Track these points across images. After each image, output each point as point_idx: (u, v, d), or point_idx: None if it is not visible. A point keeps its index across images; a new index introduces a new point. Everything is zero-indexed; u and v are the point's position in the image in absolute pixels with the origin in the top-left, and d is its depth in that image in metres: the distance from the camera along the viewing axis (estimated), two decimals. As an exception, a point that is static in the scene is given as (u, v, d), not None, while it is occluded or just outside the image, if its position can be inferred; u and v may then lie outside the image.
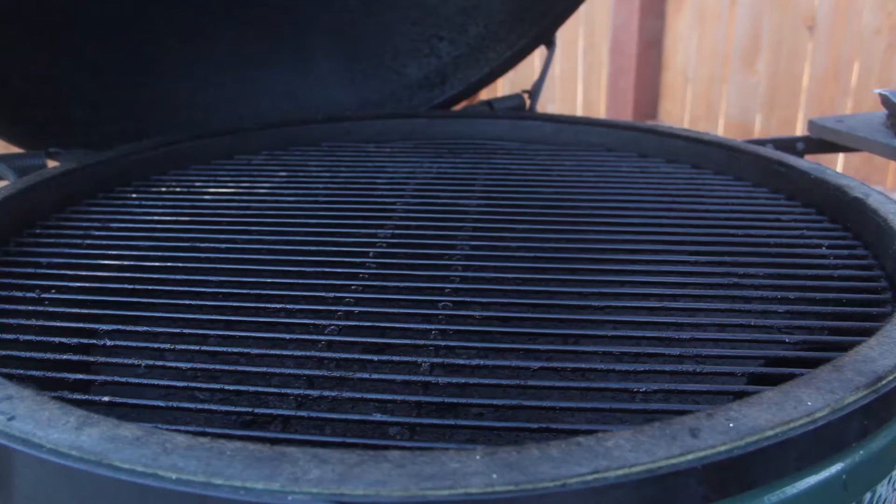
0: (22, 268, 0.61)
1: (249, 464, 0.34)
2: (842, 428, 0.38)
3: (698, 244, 0.65)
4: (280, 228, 0.69)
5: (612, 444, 0.35)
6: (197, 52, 1.04)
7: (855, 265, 0.61)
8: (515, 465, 0.34)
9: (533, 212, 0.73)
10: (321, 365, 0.48)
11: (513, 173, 0.86)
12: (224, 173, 0.87)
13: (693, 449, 0.35)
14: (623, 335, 0.50)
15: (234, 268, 0.61)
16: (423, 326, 0.52)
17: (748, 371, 0.46)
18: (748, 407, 0.38)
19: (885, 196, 0.66)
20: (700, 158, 0.88)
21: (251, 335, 0.51)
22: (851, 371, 0.41)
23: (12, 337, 0.51)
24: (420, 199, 0.76)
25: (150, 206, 0.76)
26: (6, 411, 0.38)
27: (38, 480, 0.37)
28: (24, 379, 0.45)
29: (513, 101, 1.10)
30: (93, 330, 0.52)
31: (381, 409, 0.52)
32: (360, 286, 0.58)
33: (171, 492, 0.33)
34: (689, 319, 0.53)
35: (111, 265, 0.63)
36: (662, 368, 0.47)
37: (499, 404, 0.43)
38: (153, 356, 0.49)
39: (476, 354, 0.49)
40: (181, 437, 0.36)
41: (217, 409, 0.44)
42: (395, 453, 0.35)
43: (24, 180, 0.73)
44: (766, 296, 0.56)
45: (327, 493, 0.33)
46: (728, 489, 0.36)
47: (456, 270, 0.61)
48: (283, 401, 0.44)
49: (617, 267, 0.60)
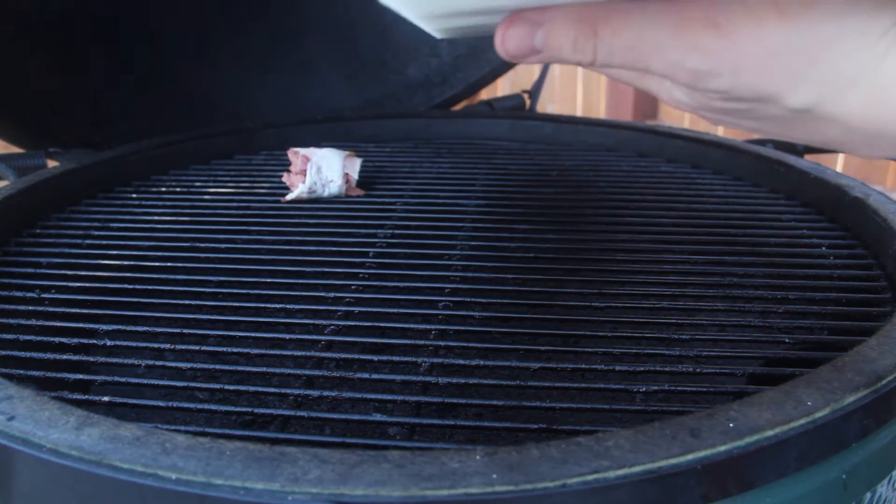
0: (22, 268, 0.61)
1: (249, 464, 0.34)
2: (842, 428, 0.38)
3: (698, 244, 0.65)
4: (280, 228, 0.69)
5: (612, 444, 0.35)
6: (197, 52, 1.04)
7: (855, 265, 0.61)
8: (515, 465, 0.34)
9: (533, 212, 0.73)
10: (321, 365, 0.48)
11: (513, 173, 0.86)
12: (224, 173, 0.87)
13: (693, 449, 0.35)
14: (623, 335, 0.50)
15: (234, 268, 0.61)
16: (422, 326, 0.52)
17: (748, 371, 0.46)
18: (748, 407, 0.38)
19: (885, 196, 0.66)
20: (700, 158, 0.88)
21: (251, 335, 0.51)
22: (851, 371, 0.41)
23: (12, 337, 0.51)
24: (420, 199, 0.76)
25: (150, 206, 0.76)
26: (6, 411, 0.38)
27: (37, 480, 0.37)
28: (24, 379, 0.45)
29: (513, 101, 1.10)
30: (93, 330, 0.52)
31: (381, 409, 0.52)
32: (360, 286, 0.58)
33: (171, 492, 0.33)
34: (689, 319, 0.53)
35: (111, 265, 0.63)
36: (662, 369, 0.47)
37: (499, 405, 0.43)
38: (153, 356, 0.49)
39: (476, 354, 0.49)
40: (181, 437, 0.36)
41: (217, 409, 0.44)
42: (395, 453, 0.35)
43: (24, 180, 0.73)
44: (766, 296, 0.56)
45: (327, 493, 0.33)
46: (728, 489, 0.36)
47: (456, 270, 0.61)
48: (282, 401, 0.44)
49: (617, 267, 0.60)
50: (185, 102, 1.05)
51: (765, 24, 0.29)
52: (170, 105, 1.04)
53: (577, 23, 0.31)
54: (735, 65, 0.30)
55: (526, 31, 0.33)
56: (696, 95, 0.32)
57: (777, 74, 0.30)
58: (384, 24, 1.11)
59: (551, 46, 0.33)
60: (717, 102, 0.32)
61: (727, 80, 0.30)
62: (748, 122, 0.33)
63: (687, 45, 0.30)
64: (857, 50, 0.28)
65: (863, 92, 0.29)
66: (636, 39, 0.31)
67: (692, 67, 0.30)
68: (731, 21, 0.29)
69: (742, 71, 0.30)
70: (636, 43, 0.31)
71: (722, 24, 0.29)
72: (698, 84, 0.31)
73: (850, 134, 0.31)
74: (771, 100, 0.31)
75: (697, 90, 0.32)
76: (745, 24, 0.29)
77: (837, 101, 0.30)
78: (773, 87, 0.30)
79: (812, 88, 0.30)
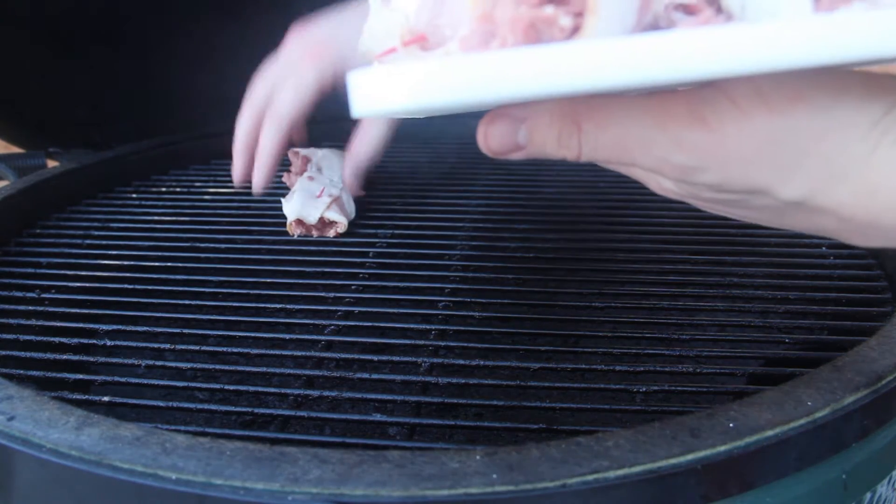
0: (22, 268, 0.61)
1: (249, 464, 0.34)
2: (842, 428, 0.38)
3: (698, 244, 0.65)
4: (280, 228, 0.69)
5: (612, 444, 0.35)
6: (197, 52, 1.03)
7: (855, 265, 0.61)
8: (515, 465, 0.34)
9: (533, 212, 0.73)
10: (321, 365, 0.48)
11: (513, 173, 0.86)
12: (224, 173, 0.87)
13: (693, 449, 0.35)
14: (623, 335, 0.50)
15: (234, 268, 0.61)
16: (422, 326, 0.52)
17: (748, 371, 0.46)
18: (748, 407, 0.38)
19: (885, 196, 0.66)
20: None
21: (251, 335, 0.51)
22: (851, 371, 0.41)
23: (12, 337, 0.51)
24: (420, 199, 0.76)
25: (150, 206, 0.76)
26: (6, 411, 0.38)
27: (37, 480, 0.37)
28: (24, 379, 0.45)
29: (513, 101, 1.10)
30: (93, 330, 0.52)
31: (381, 409, 0.52)
32: (360, 286, 0.58)
33: (171, 492, 0.33)
34: (689, 319, 0.53)
35: (111, 265, 0.63)
36: (662, 369, 0.47)
37: (499, 405, 0.43)
38: (153, 356, 0.49)
39: (476, 354, 0.49)
40: (181, 437, 0.36)
41: (217, 409, 0.44)
42: (394, 453, 0.35)
43: (24, 180, 0.73)
44: (766, 296, 0.56)
45: (327, 494, 0.33)
46: (728, 489, 0.36)
47: (456, 270, 0.61)
48: (282, 401, 0.44)
49: (617, 267, 0.60)
50: (185, 102, 1.05)
51: (752, 118, 0.28)
52: (170, 105, 1.04)
53: (560, 118, 0.31)
54: (723, 159, 0.29)
55: (509, 128, 0.32)
56: (685, 187, 0.32)
57: (767, 168, 0.29)
58: (384, 24, 1.11)
59: (535, 142, 0.32)
60: (707, 193, 0.31)
61: (715, 175, 0.30)
62: (740, 212, 0.33)
63: (672, 140, 0.29)
64: (848, 142, 0.28)
65: (854, 184, 0.29)
66: (620, 135, 0.30)
67: (679, 163, 0.29)
68: (717, 115, 0.28)
69: (730, 165, 0.29)
70: (621, 138, 0.30)
71: (707, 118, 0.28)
72: (686, 178, 0.30)
73: (843, 223, 0.30)
74: (762, 192, 0.30)
75: (686, 183, 0.31)
76: (732, 119, 0.28)
77: (829, 192, 0.29)
78: (763, 181, 0.29)
79: (803, 181, 0.29)
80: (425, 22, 0.29)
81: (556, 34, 0.26)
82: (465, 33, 0.27)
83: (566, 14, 0.26)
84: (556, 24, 0.26)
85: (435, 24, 0.29)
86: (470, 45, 0.27)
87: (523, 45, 0.26)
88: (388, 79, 0.26)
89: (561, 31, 0.26)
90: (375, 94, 0.26)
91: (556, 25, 0.26)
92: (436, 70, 0.25)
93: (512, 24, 0.26)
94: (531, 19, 0.26)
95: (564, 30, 0.26)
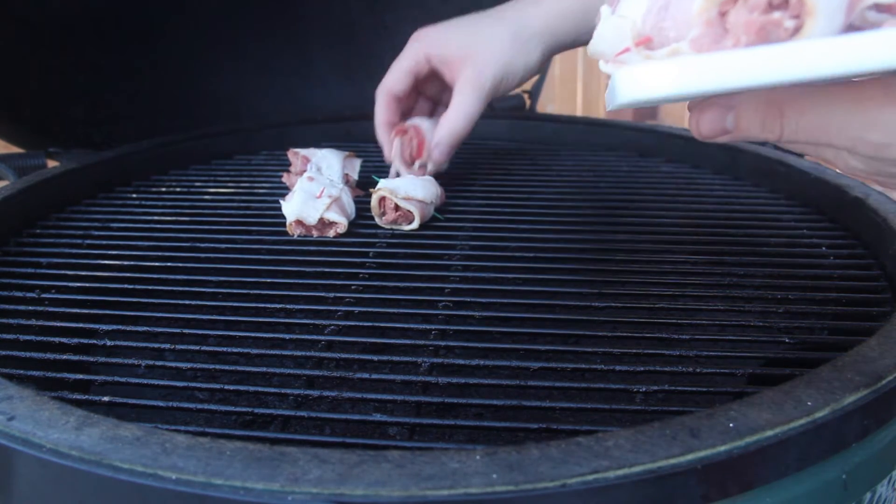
0: (22, 268, 0.61)
1: (249, 464, 0.34)
2: (842, 428, 0.38)
3: (698, 244, 0.65)
4: (280, 228, 0.69)
5: (611, 444, 0.35)
6: (196, 52, 1.04)
7: (855, 265, 0.61)
8: (515, 465, 0.34)
9: (533, 212, 0.73)
10: (321, 365, 0.48)
11: (513, 173, 0.86)
12: (224, 173, 0.87)
13: (693, 449, 0.35)
14: (623, 335, 0.50)
15: (234, 268, 0.61)
16: (422, 326, 0.52)
17: (748, 371, 0.46)
18: (748, 407, 0.38)
19: (885, 196, 0.66)
20: (700, 158, 0.88)
21: (251, 335, 0.51)
22: (851, 371, 0.41)
23: (12, 337, 0.51)
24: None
25: (150, 206, 0.76)
26: (6, 411, 0.38)
27: (37, 480, 0.37)
28: (24, 379, 0.45)
29: (513, 101, 1.10)
30: (93, 330, 0.52)
31: (381, 409, 0.52)
32: (360, 286, 0.58)
33: (171, 492, 0.33)
34: (689, 319, 0.53)
35: (111, 265, 0.63)
36: (662, 369, 0.47)
37: (499, 404, 0.43)
38: (153, 356, 0.49)
39: (476, 354, 0.49)
40: (181, 437, 0.36)
41: (217, 409, 0.44)
42: (395, 453, 0.35)
43: (24, 180, 0.73)
44: (766, 296, 0.56)
45: (327, 494, 0.33)
46: (728, 489, 0.36)
47: (456, 270, 0.61)
48: (282, 401, 0.44)
49: (617, 267, 0.60)
50: (185, 102, 1.05)
51: None
52: (170, 105, 1.04)
53: (765, 105, 0.35)
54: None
55: (718, 115, 0.37)
56: (873, 164, 0.35)
57: None
58: (384, 24, 1.11)
59: (741, 128, 0.37)
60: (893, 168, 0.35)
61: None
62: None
63: (868, 119, 0.33)
64: None
65: None
66: (820, 117, 0.34)
67: (873, 140, 0.33)
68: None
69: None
70: (821, 120, 0.34)
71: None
72: (878, 154, 0.34)
73: None
74: None
75: (876, 160, 0.35)
76: None
77: None
78: None
79: None
80: (650, 26, 0.34)
81: (782, 34, 0.31)
82: (694, 35, 0.33)
83: (790, 17, 0.31)
84: (782, 26, 0.31)
85: (659, 28, 0.34)
86: (701, 45, 0.33)
87: (756, 44, 0.31)
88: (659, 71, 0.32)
89: (785, 31, 0.31)
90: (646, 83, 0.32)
91: (781, 27, 0.31)
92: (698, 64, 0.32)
93: (746, 27, 0.32)
94: (762, 23, 0.31)
95: (788, 30, 0.31)
